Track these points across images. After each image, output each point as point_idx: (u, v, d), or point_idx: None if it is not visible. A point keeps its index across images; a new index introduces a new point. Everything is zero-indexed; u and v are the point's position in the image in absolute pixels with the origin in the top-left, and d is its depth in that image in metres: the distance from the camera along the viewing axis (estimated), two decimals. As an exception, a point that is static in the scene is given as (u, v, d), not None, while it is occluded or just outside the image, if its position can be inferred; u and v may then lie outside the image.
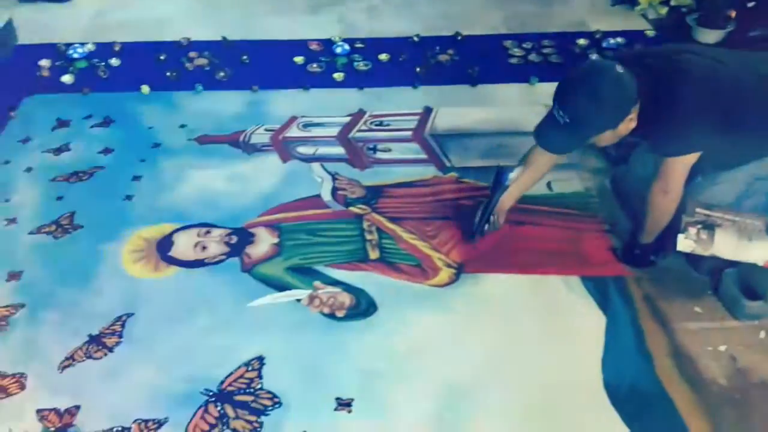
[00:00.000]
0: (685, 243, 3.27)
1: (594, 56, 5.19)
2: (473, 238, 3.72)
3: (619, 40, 5.44)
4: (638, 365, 3.17)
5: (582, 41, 5.45)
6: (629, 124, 3.18)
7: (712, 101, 3.12)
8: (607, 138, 3.24)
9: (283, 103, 4.88)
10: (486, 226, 3.69)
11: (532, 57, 5.34)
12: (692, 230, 3.25)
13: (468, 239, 3.75)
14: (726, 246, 3.25)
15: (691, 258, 3.48)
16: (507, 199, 3.69)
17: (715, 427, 2.91)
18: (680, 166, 3.25)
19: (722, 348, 3.22)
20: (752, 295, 3.32)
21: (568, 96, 3.15)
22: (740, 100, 3.16)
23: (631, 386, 3.08)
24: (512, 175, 3.58)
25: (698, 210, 3.30)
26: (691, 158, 3.23)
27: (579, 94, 3.10)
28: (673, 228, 3.33)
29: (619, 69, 3.10)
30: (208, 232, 3.85)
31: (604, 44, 5.41)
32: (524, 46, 5.45)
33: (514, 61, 5.31)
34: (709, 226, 3.25)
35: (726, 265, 3.38)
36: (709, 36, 5.27)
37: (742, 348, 3.22)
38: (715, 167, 3.41)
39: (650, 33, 5.54)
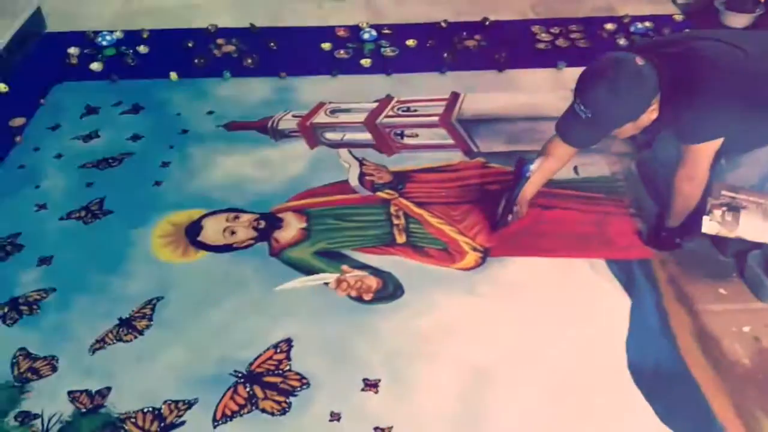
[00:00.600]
0: (710, 225, 3.29)
1: (622, 41, 5.19)
2: (496, 228, 3.74)
3: (647, 24, 5.43)
4: (662, 346, 3.17)
5: (610, 26, 5.45)
6: (651, 114, 3.22)
7: (733, 86, 3.14)
8: (628, 130, 3.29)
9: (311, 89, 4.90)
10: (509, 217, 3.69)
11: (560, 42, 5.33)
12: (717, 212, 3.26)
13: (492, 229, 3.76)
14: (751, 228, 3.26)
15: (717, 240, 3.49)
16: (529, 189, 3.69)
17: (738, 406, 2.91)
18: (704, 152, 3.26)
19: (746, 329, 3.21)
20: (777, 277, 3.32)
21: (588, 91, 3.19)
22: (761, 82, 3.18)
23: (655, 367, 3.08)
24: (533, 167, 3.58)
25: (724, 192, 3.31)
26: (715, 144, 3.23)
27: (599, 88, 3.14)
28: (699, 211, 3.34)
29: (639, 61, 3.14)
30: (236, 217, 3.87)
31: (632, 29, 5.40)
32: (552, 31, 5.44)
33: (541, 46, 5.31)
34: (735, 208, 3.26)
35: (751, 247, 3.38)
36: (738, 20, 5.24)
37: (767, 329, 3.22)
38: (738, 149, 3.42)
39: (678, 17, 5.53)
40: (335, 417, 2.91)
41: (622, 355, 3.12)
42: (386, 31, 5.48)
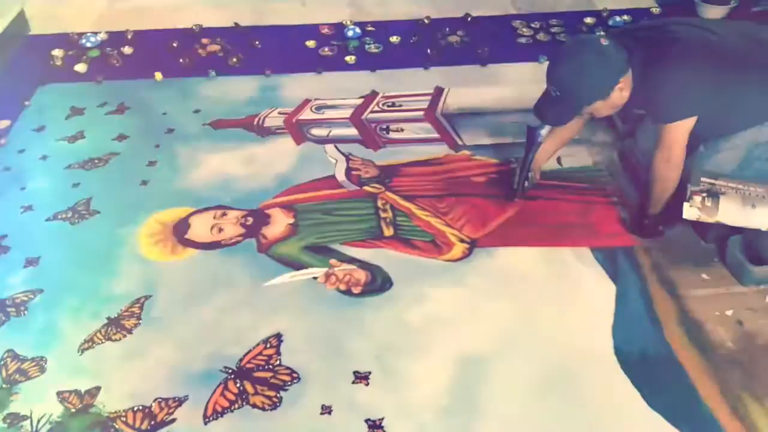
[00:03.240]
0: (690, 211, 3.32)
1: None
2: (514, 196, 3.83)
3: (626, 17, 5.48)
4: (648, 331, 3.21)
5: (589, 20, 5.49)
6: (622, 93, 3.32)
7: (701, 65, 3.25)
8: (601, 108, 3.38)
9: (296, 86, 4.91)
10: (526, 183, 3.78)
11: (541, 36, 5.37)
12: (697, 198, 3.30)
13: (509, 199, 3.85)
14: (730, 213, 3.30)
15: (698, 227, 3.53)
16: (542, 155, 3.81)
17: (723, 388, 2.95)
18: (678, 132, 3.33)
19: (729, 313, 3.25)
20: (757, 261, 3.35)
21: (555, 70, 3.34)
22: (731, 63, 3.28)
23: (641, 352, 3.11)
24: (544, 132, 3.64)
25: (703, 179, 3.35)
26: (688, 124, 3.31)
27: (565, 67, 3.30)
28: (680, 198, 3.37)
29: (604, 41, 3.27)
30: (224, 214, 3.88)
31: (611, 22, 5.44)
32: (533, 25, 5.48)
33: (523, 40, 5.35)
34: (714, 194, 3.29)
35: (732, 232, 3.43)
36: (713, 12, 5.29)
37: (749, 312, 3.26)
38: (716, 134, 3.48)
39: (656, 10, 5.58)
40: (326, 410, 2.92)
41: (608, 342, 3.15)
42: (370, 28, 5.49)
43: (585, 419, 2.87)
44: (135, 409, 2.97)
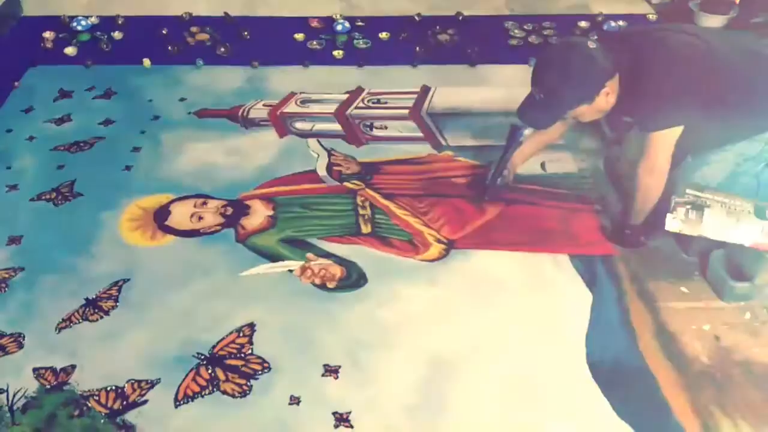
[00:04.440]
0: (673, 223, 3.30)
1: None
2: (485, 194, 3.86)
3: (621, 23, 5.44)
4: (622, 341, 3.21)
5: (583, 23, 5.46)
6: (607, 98, 3.28)
7: (690, 75, 3.20)
8: (586, 112, 3.35)
9: (283, 79, 4.92)
10: (498, 180, 3.80)
11: (533, 39, 5.36)
12: (681, 210, 3.27)
13: (479, 197, 3.88)
14: (714, 227, 3.27)
15: (681, 239, 3.53)
16: (519, 156, 3.82)
17: (695, 403, 2.95)
18: (664, 142, 3.30)
19: (706, 327, 3.25)
20: (739, 277, 3.35)
21: (540, 72, 3.31)
22: (722, 74, 3.23)
23: (613, 362, 3.12)
24: (527, 132, 3.66)
25: (688, 191, 3.31)
26: (674, 133, 3.28)
27: (550, 69, 3.27)
28: (664, 209, 3.35)
29: (591, 45, 3.24)
30: (204, 203, 3.90)
31: (605, 27, 5.40)
32: (525, 27, 5.46)
33: (514, 42, 5.34)
34: (698, 207, 3.26)
35: (715, 246, 3.41)
36: (712, 21, 5.26)
37: (726, 328, 3.26)
38: (704, 146, 3.45)
39: (652, 17, 5.56)
40: (295, 401, 2.96)
41: (581, 350, 3.16)
42: (360, 23, 5.50)
43: (552, 426, 2.90)
44: (108, 389, 3.01)
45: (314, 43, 5.29)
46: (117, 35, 5.35)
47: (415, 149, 4.30)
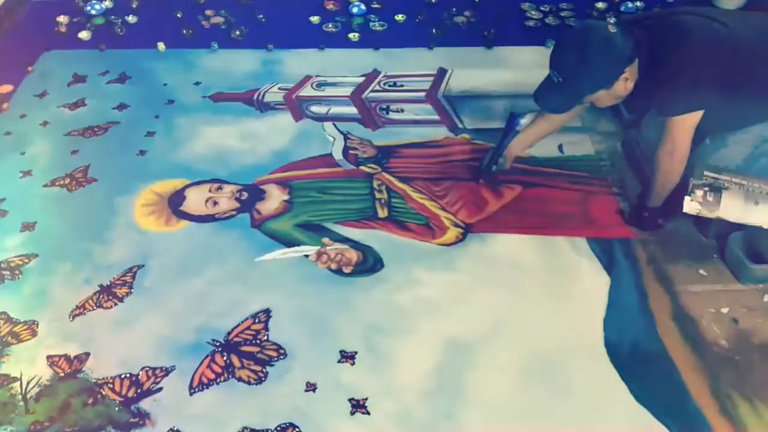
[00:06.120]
0: (691, 205, 3.27)
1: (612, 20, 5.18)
2: (480, 176, 3.83)
3: (638, 3, 5.38)
4: (640, 325, 3.18)
5: (601, 4, 5.39)
6: (626, 83, 3.25)
7: (710, 58, 3.16)
8: (603, 97, 3.32)
9: (298, 62, 4.90)
10: (493, 167, 3.78)
11: (550, 20, 5.30)
12: (699, 192, 3.24)
13: (474, 179, 3.85)
14: (732, 209, 3.24)
15: (699, 221, 3.49)
16: (516, 144, 3.79)
17: (714, 386, 2.92)
18: (684, 126, 3.27)
19: (725, 310, 3.22)
20: (758, 259, 3.31)
21: (559, 56, 3.27)
22: (741, 58, 3.20)
23: (632, 346, 3.09)
24: (524, 121, 3.65)
25: (706, 173, 3.29)
26: (694, 118, 3.25)
27: (570, 53, 3.22)
28: (682, 191, 3.33)
29: (612, 29, 3.19)
30: (219, 188, 3.88)
31: (623, 8, 5.34)
32: (542, 8, 5.41)
33: (531, 23, 5.29)
34: (716, 189, 3.24)
35: (733, 229, 3.38)
36: (730, 3, 5.21)
37: (745, 310, 3.22)
38: (723, 129, 3.43)
39: (670, -3, 5.51)
40: (311, 387, 2.94)
41: (599, 334, 3.13)
42: (375, 6, 5.46)
43: (569, 410, 2.87)
44: (122, 376, 3.00)
45: (330, 25, 5.25)
46: (131, 19, 5.33)
47: (432, 132, 4.27)
